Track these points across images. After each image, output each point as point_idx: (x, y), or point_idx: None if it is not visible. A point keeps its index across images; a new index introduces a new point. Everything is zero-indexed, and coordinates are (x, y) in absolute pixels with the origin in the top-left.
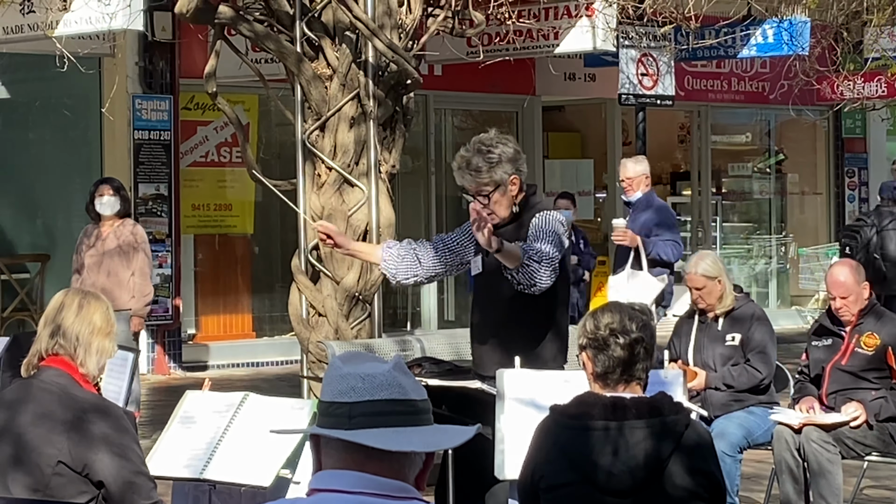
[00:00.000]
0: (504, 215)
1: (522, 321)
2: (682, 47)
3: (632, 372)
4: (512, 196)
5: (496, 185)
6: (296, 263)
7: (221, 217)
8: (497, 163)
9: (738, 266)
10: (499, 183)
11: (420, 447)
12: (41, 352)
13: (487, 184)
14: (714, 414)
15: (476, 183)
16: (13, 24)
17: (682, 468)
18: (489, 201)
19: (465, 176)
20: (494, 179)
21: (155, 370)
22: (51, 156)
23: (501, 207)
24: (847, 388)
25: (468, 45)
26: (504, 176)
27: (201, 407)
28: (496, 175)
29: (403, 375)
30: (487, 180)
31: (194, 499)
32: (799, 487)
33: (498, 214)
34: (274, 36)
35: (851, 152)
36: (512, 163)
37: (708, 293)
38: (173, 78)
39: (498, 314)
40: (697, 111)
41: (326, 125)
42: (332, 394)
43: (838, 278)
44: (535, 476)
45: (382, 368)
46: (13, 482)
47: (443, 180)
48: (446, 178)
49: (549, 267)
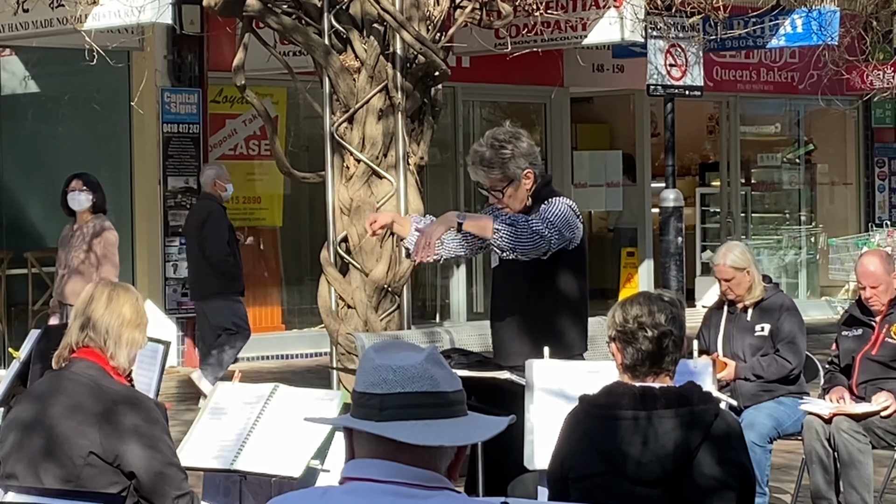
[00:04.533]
0: (517, 209)
1: (542, 310)
2: (711, 38)
3: (661, 364)
4: (526, 190)
5: (509, 181)
6: (325, 256)
7: (251, 210)
8: (510, 158)
9: (767, 256)
10: (512, 178)
11: (448, 441)
12: (72, 344)
13: (501, 179)
14: (744, 404)
15: (489, 179)
16: (42, 17)
17: (711, 458)
18: (503, 196)
19: (478, 171)
20: (507, 175)
21: (185, 363)
22: (80, 149)
23: (515, 201)
24: (877, 377)
25: (496, 37)
26: (517, 171)
27: (231, 398)
28: (509, 170)
29: (436, 367)
30: (500, 176)
31: (225, 490)
32: (829, 478)
33: (512, 208)
34: (302, 28)
35: (881, 142)
36: (525, 157)
37: (737, 284)
38: (202, 71)
39: (517, 304)
40: (726, 102)
41: (355, 117)
42: (365, 385)
43: (868, 268)
44: (564, 466)
45: (415, 360)
46: (45, 473)
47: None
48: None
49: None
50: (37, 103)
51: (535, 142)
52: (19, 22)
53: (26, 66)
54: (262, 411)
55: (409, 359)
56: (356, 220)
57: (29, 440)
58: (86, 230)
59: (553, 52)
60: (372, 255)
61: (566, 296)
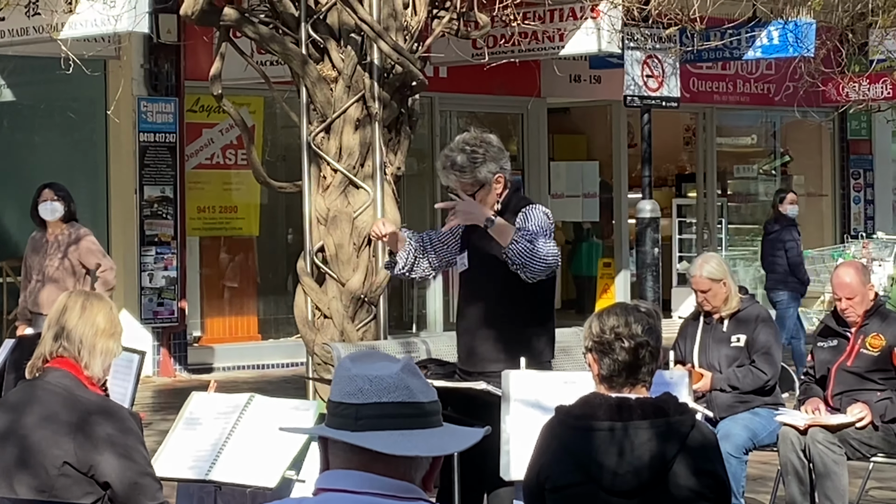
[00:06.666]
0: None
1: (510, 316)
2: (688, 49)
3: (637, 375)
4: (497, 194)
5: (480, 185)
6: (301, 265)
7: (227, 219)
8: (481, 162)
9: (743, 268)
10: (483, 182)
11: (425, 451)
12: (45, 354)
13: (472, 184)
14: (719, 415)
15: (460, 182)
16: (18, 26)
17: (687, 469)
18: (474, 199)
19: (449, 175)
20: (478, 179)
21: (160, 372)
22: (56, 158)
23: (486, 206)
24: (852, 388)
25: (473, 47)
26: (488, 175)
27: (207, 408)
28: (480, 174)
29: (412, 377)
30: (472, 180)
31: (199, 500)
32: (804, 489)
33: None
34: (279, 38)
35: (857, 154)
36: (496, 161)
37: (713, 295)
38: (178, 80)
39: (486, 310)
40: (703, 113)
41: (332, 127)
42: (341, 394)
43: (844, 279)
44: (540, 477)
45: (391, 370)
46: (18, 483)
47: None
48: None
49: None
50: (12, 112)
51: (512, 152)
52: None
53: (2, 74)
54: (238, 421)
55: (386, 369)
56: (333, 230)
57: (2, 450)
58: (60, 238)
59: (530, 63)
60: (349, 265)
61: (535, 302)
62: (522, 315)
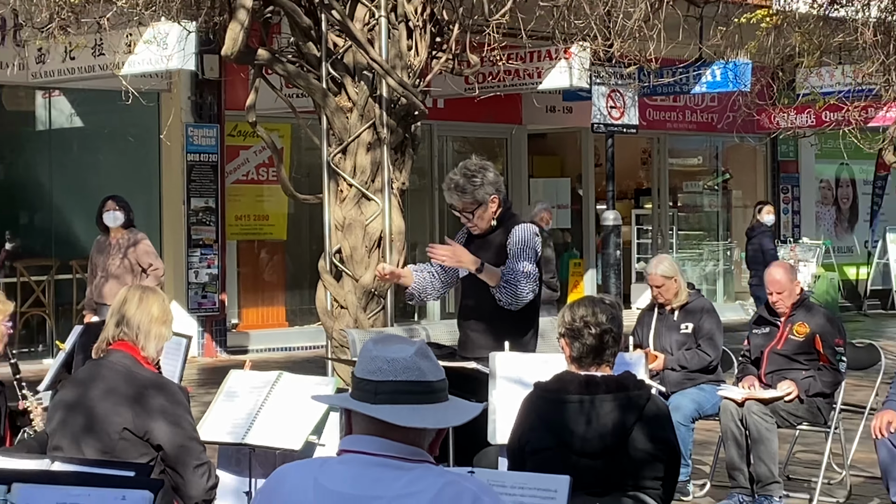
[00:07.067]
0: (485, 227)
1: (503, 314)
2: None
3: (602, 356)
4: (492, 212)
5: (479, 204)
6: (322, 265)
7: (260, 226)
8: (480, 185)
9: (691, 267)
10: (480, 202)
11: (431, 424)
12: (108, 338)
13: (472, 203)
14: (671, 390)
15: (462, 202)
16: (86, 64)
17: (643, 435)
18: (473, 216)
19: (452, 195)
20: (477, 199)
21: (204, 353)
22: (117, 175)
23: (483, 221)
24: (782, 368)
25: (466, 83)
26: (485, 196)
27: (242, 384)
28: (479, 195)
29: (424, 360)
30: (471, 200)
31: (236, 461)
32: (741, 452)
33: (480, 227)
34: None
35: (786, 172)
36: (492, 185)
37: (666, 290)
38: (220, 110)
39: (483, 307)
40: (657, 138)
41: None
42: (363, 372)
43: (775, 277)
44: (521, 441)
45: (407, 353)
46: (86, 446)
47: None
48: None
49: (528, 284)
50: (81, 136)
51: (498, 171)
52: (67, 67)
53: (72, 104)
54: (269, 395)
55: (402, 352)
56: (348, 235)
57: (72, 419)
58: (121, 242)
59: (513, 96)
60: (361, 265)
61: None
62: (513, 314)
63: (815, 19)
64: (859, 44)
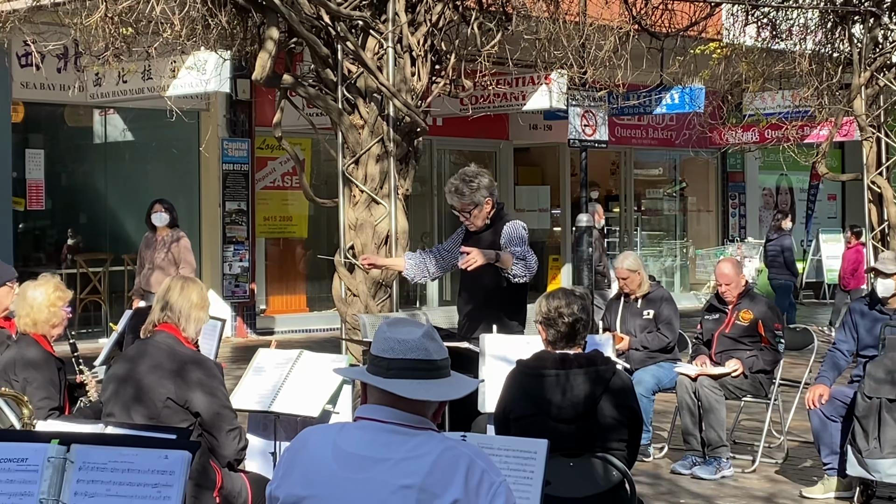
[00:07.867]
0: (480, 225)
1: (496, 301)
2: (613, 106)
3: (574, 340)
4: (486, 212)
5: (475, 205)
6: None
7: (285, 225)
8: (477, 189)
9: (652, 262)
10: (477, 203)
11: (434, 397)
12: (154, 321)
13: (469, 204)
14: (634, 367)
15: (461, 203)
16: (136, 87)
17: (610, 404)
18: (470, 216)
19: (453, 197)
20: (474, 201)
21: (236, 334)
22: (163, 182)
23: (479, 220)
24: (729, 349)
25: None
26: (481, 198)
27: (269, 360)
28: (476, 198)
29: (430, 341)
30: (469, 202)
31: (264, 426)
32: (694, 420)
33: (476, 225)
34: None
35: (734, 181)
36: (487, 189)
37: (631, 281)
38: (251, 126)
39: (479, 297)
40: (624, 152)
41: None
42: (378, 350)
43: (724, 271)
44: (506, 410)
45: (415, 335)
46: (135, 413)
47: (442, 200)
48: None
49: (531, 257)
50: (131, 149)
51: None
52: (120, 89)
53: (124, 121)
54: (291, 369)
55: (411, 334)
56: (360, 233)
57: (123, 390)
58: (166, 239)
59: (501, 115)
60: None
61: (514, 293)
62: (504, 300)
63: (760, 51)
64: (797, 72)
